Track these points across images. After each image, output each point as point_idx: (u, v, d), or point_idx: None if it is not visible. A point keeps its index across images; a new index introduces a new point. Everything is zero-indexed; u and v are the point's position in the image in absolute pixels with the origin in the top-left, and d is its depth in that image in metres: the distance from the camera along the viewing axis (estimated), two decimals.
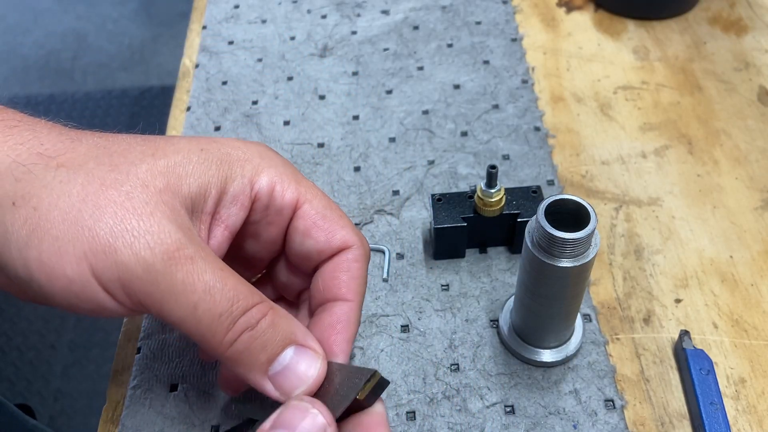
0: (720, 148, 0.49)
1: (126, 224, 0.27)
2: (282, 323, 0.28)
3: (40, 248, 0.26)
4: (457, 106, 0.53)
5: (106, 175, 0.28)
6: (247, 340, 0.28)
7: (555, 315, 0.36)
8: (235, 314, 0.27)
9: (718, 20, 0.59)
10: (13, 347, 1.28)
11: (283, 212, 0.33)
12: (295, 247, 0.33)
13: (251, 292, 0.28)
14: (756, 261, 0.43)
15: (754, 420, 0.37)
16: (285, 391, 0.28)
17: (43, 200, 0.27)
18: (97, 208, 0.27)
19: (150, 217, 0.27)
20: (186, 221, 0.28)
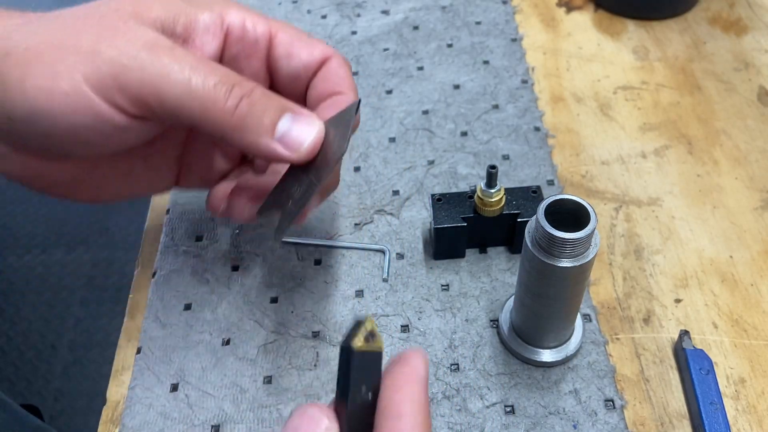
0: (720, 148, 0.50)
1: (106, 34, 0.29)
2: (273, 95, 0.31)
3: (34, 77, 0.28)
4: (457, 106, 0.53)
5: (78, 11, 0.31)
6: (247, 106, 0.30)
7: (555, 315, 0.36)
8: (229, 83, 0.30)
9: (717, 20, 0.59)
10: (14, 347, 1.28)
11: (259, 43, 0.35)
12: (281, 72, 0.36)
13: (232, 74, 0.30)
14: (756, 261, 0.43)
15: (753, 420, 0.37)
16: (294, 148, 0.31)
17: (29, 41, 0.29)
18: (76, 32, 0.29)
19: (125, 26, 0.30)
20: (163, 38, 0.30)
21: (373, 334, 0.26)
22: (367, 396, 0.25)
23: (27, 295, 1.36)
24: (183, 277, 0.44)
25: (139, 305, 0.43)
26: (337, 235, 0.45)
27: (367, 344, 0.25)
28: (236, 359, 0.40)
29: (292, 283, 0.43)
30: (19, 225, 1.48)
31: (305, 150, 0.31)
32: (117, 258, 1.41)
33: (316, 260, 0.44)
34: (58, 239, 1.45)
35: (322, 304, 0.42)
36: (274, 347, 0.40)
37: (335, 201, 0.47)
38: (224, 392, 0.39)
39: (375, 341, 0.26)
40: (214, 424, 0.37)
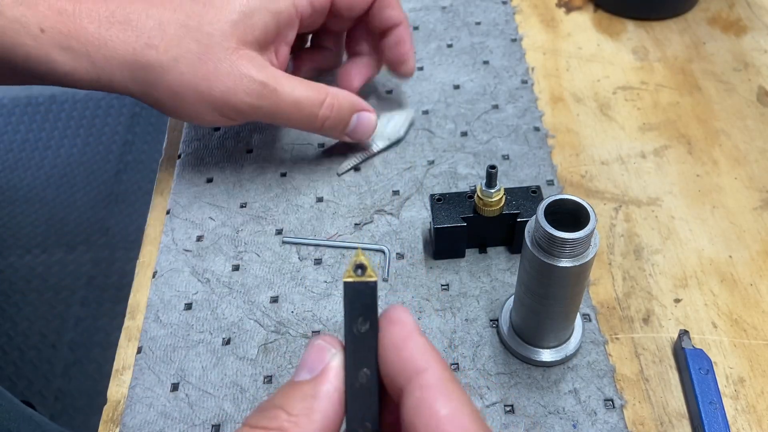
0: (719, 149, 0.50)
1: (231, 84, 0.40)
2: (344, 103, 0.44)
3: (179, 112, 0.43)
4: (456, 106, 0.53)
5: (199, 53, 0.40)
6: (331, 122, 0.44)
7: (555, 315, 0.36)
8: (317, 108, 0.43)
9: (717, 21, 0.59)
10: (14, 347, 1.28)
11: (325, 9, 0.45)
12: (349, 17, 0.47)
13: (321, 90, 0.43)
14: (755, 261, 0.43)
15: (753, 419, 0.37)
16: (360, 138, 0.47)
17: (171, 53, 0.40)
18: (206, 80, 0.40)
19: (240, 72, 0.40)
20: (261, 62, 0.41)
21: (362, 266, 0.26)
22: (365, 326, 0.25)
23: (28, 295, 1.36)
24: (183, 277, 0.44)
25: (140, 305, 0.43)
26: (337, 235, 0.46)
27: (357, 276, 0.25)
28: (236, 359, 0.40)
29: (292, 283, 0.43)
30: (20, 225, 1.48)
31: (364, 139, 0.47)
32: (117, 258, 1.41)
33: (316, 260, 0.44)
34: (58, 239, 1.45)
35: (322, 304, 0.42)
36: (274, 347, 0.40)
37: (335, 201, 0.47)
38: (224, 392, 0.39)
39: (366, 273, 0.26)
40: (215, 424, 0.38)
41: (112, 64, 0.39)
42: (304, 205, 0.47)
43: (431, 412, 0.22)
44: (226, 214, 0.47)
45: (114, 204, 1.50)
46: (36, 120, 1.68)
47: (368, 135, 0.47)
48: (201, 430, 0.37)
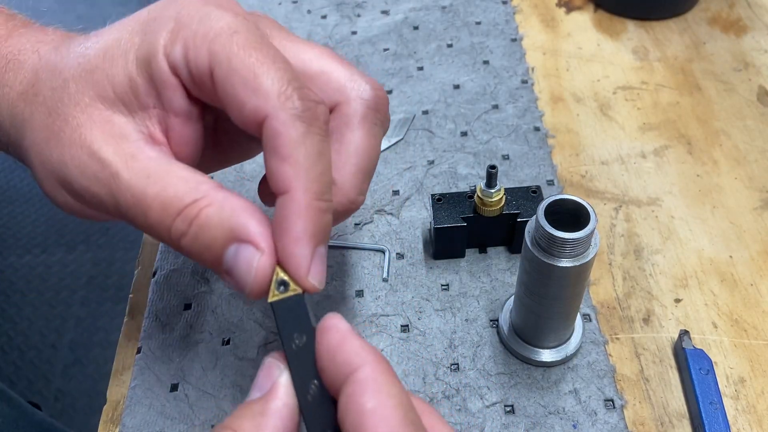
0: (719, 149, 0.50)
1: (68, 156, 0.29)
2: (215, 221, 0.27)
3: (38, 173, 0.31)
4: (456, 106, 0.53)
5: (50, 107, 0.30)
6: (188, 243, 0.27)
7: (555, 315, 0.36)
8: (170, 218, 0.27)
9: (717, 20, 0.59)
10: (14, 347, 1.28)
11: (206, 84, 0.28)
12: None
13: (192, 190, 0.27)
14: (755, 261, 0.43)
15: (753, 419, 0.37)
16: (240, 288, 0.27)
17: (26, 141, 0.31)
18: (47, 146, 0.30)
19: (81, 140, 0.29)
20: (119, 130, 0.29)
21: (284, 282, 0.25)
22: (302, 340, 0.25)
23: (28, 295, 1.36)
24: (183, 277, 0.44)
25: (140, 305, 0.43)
26: (337, 235, 0.46)
27: (281, 293, 0.25)
28: (236, 359, 0.40)
29: None
30: (20, 225, 1.48)
31: (243, 286, 0.27)
32: (117, 258, 1.41)
33: None
34: (58, 239, 1.45)
35: (322, 304, 0.42)
36: (275, 347, 0.40)
37: None
38: (224, 392, 0.39)
39: (289, 288, 0.25)
40: (215, 424, 0.38)
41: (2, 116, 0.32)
42: None
43: (357, 406, 0.22)
44: None
45: None
46: None
47: (251, 286, 0.27)
48: (201, 430, 0.37)
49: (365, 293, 0.42)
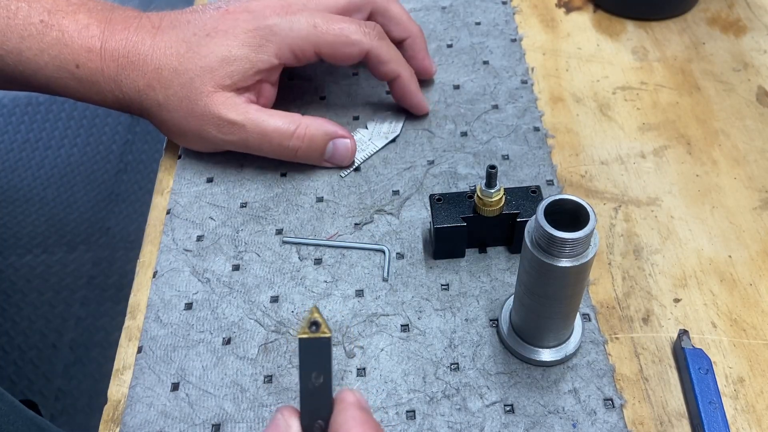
0: (719, 149, 0.50)
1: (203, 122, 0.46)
2: (317, 133, 0.47)
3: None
4: (456, 107, 0.53)
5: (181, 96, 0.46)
6: (304, 152, 0.47)
7: (554, 314, 0.36)
8: (287, 140, 0.46)
9: (716, 21, 0.59)
10: (15, 346, 1.28)
11: (311, 58, 0.47)
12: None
13: (292, 122, 0.46)
14: (755, 261, 0.43)
15: (752, 419, 0.37)
16: (339, 163, 0.49)
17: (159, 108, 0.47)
18: (185, 118, 0.46)
19: (210, 112, 0.45)
20: (235, 101, 0.46)
21: (316, 323, 0.27)
22: (319, 381, 0.27)
23: (28, 295, 1.36)
24: (183, 277, 0.44)
25: (140, 305, 0.43)
26: (337, 235, 0.46)
27: (311, 332, 0.27)
28: (237, 358, 0.40)
29: (292, 283, 0.43)
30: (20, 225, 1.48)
31: (345, 163, 0.49)
32: (118, 258, 1.41)
33: (316, 260, 0.44)
34: (59, 239, 1.45)
35: (322, 303, 0.42)
36: (275, 347, 0.41)
37: (335, 201, 0.47)
38: (225, 391, 0.39)
39: (320, 329, 0.27)
40: (215, 423, 0.38)
41: (125, 99, 0.47)
42: (304, 205, 0.47)
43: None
44: (226, 214, 0.47)
45: (114, 204, 1.50)
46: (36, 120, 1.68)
47: (347, 159, 0.48)
48: (201, 429, 0.37)
49: (365, 293, 0.43)
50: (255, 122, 0.45)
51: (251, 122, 0.45)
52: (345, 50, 0.46)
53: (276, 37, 0.45)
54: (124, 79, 0.46)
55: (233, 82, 0.45)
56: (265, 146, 0.46)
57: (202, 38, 0.45)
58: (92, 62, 0.45)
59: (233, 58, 0.45)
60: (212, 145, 0.48)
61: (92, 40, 0.45)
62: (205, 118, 0.45)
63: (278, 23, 0.45)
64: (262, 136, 0.46)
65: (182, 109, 0.45)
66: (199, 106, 0.45)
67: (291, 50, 0.45)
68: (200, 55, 0.45)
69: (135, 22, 0.46)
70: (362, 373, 0.39)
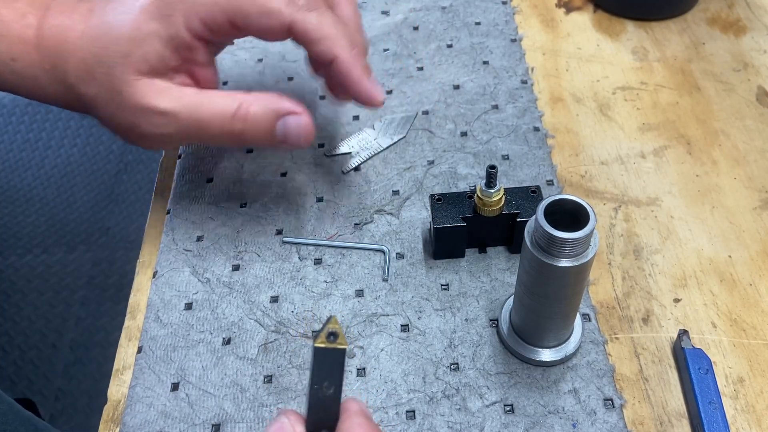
0: (719, 149, 0.50)
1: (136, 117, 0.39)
2: (260, 110, 0.38)
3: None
4: (456, 107, 0.53)
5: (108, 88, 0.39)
6: (250, 134, 0.39)
7: (554, 314, 0.36)
8: (228, 123, 0.39)
9: (716, 21, 0.59)
10: (15, 346, 1.28)
11: (228, 31, 0.39)
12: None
13: (232, 101, 0.38)
14: (755, 261, 0.43)
15: (752, 419, 0.37)
16: (296, 145, 0.40)
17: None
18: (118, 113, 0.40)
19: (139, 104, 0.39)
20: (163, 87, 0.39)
21: (335, 334, 0.27)
22: (329, 391, 0.27)
23: (28, 295, 1.36)
24: (183, 277, 0.44)
25: (140, 305, 0.43)
26: (337, 235, 0.46)
27: (328, 342, 0.27)
28: (236, 358, 0.40)
29: (292, 283, 0.43)
30: (20, 225, 1.48)
31: (302, 145, 0.40)
32: (118, 258, 1.41)
33: (316, 260, 0.44)
34: (59, 239, 1.45)
35: (322, 303, 0.42)
36: (275, 347, 0.41)
37: (335, 201, 0.47)
38: (225, 391, 0.39)
39: (337, 340, 0.27)
40: (215, 423, 0.38)
41: (64, 94, 0.41)
42: (304, 205, 0.47)
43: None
44: (226, 214, 0.47)
45: (114, 204, 1.50)
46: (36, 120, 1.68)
47: (304, 140, 0.40)
48: (201, 429, 0.37)
49: (365, 293, 0.43)
50: (189, 108, 0.39)
51: (185, 109, 0.38)
52: (262, 21, 0.38)
53: (182, 5, 0.38)
54: (59, 72, 0.40)
55: (152, 65, 0.38)
56: (204, 134, 0.39)
57: (119, 17, 0.38)
58: (28, 54, 0.40)
59: (142, 37, 0.38)
60: (151, 141, 0.41)
61: (28, 30, 0.40)
62: (134, 110, 0.39)
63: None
64: (199, 122, 0.39)
65: (113, 102, 0.39)
66: (125, 98, 0.38)
67: (201, 20, 0.38)
68: (114, 37, 0.38)
69: (72, 5, 0.41)
70: (362, 373, 0.39)
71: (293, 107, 0.39)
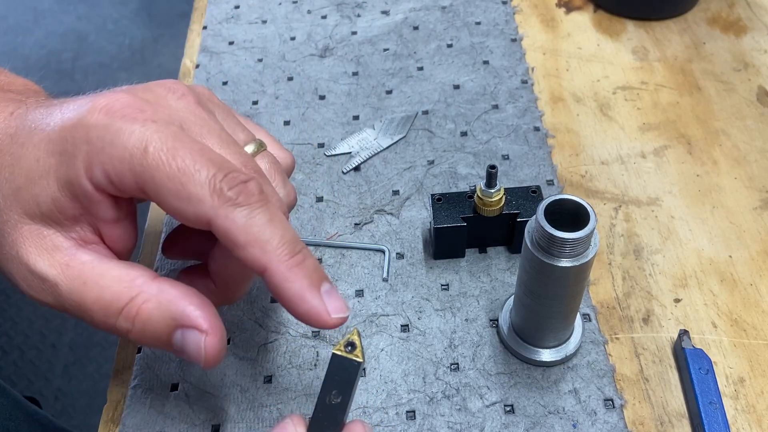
0: (719, 148, 0.50)
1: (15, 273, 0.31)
2: (155, 314, 0.29)
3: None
4: (456, 107, 0.53)
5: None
6: (136, 337, 0.29)
7: (554, 315, 0.36)
8: (113, 318, 0.29)
9: (717, 21, 0.59)
10: (15, 346, 1.28)
11: (138, 195, 0.30)
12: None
13: (128, 289, 0.29)
14: (755, 261, 0.43)
15: (753, 419, 0.37)
16: (192, 361, 0.30)
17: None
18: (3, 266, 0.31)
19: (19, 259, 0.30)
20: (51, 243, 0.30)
21: (353, 345, 0.27)
22: (337, 399, 0.27)
23: None
24: None
25: None
26: (337, 235, 0.46)
27: (346, 352, 0.27)
28: (236, 359, 0.40)
29: None
30: None
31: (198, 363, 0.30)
32: None
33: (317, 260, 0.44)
34: None
35: None
36: (274, 347, 0.41)
37: (335, 201, 0.47)
38: (224, 392, 0.39)
39: (354, 352, 0.27)
40: (215, 424, 0.38)
41: None
42: (304, 205, 0.47)
43: None
44: None
45: None
46: None
47: (203, 361, 0.29)
48: (201, 430, 0.37)
49: (365, 293, 0.43)
50: (73, 283, 0.29)
51: (66, 282, 0.29)
52: (178, 204, 0.28)
53: (88, 147, 0.28)
54: None
55: (42, 211, 0.30)
56: (87, 320, 0.30)
57: (26, 141, 0.30)
58: None
59: (39, 172, 0.29)
60: (34, 300, 0.31)
61: None
62: (11, 263, 0.30)
63: (99, 124, 0.29)
64: (80, 307, 0.30)
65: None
66: (8, 242, 0.30)
67: (104, 172, 0.28)
68: (8, 164, 0.30)
69: (6, 121, 0.32)
70: (362, 373, 0.39)
71: (199, 321, 0.29)
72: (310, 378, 0.39)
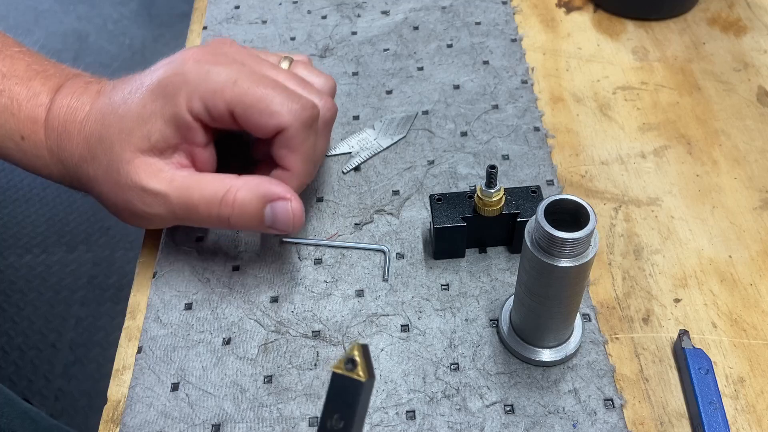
0: (719, 149, 0.50)
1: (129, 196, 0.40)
2: (247, 196, 0.38)
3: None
4: (456, 107, 0.53)
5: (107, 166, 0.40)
6: (236, 219, 0.39)
7: (554, 315, 0.36)
8: (215, 208, 0.39)
9: (717, 21, 0.59)
10: (14, 347, 1.28)
11: (226, 119, 0.39)
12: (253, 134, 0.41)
13: (222, 186, 0.39)
14: (755, 261, 0.43)
15: (753, 419, 0.37)
16: (284, 230, 0.39)
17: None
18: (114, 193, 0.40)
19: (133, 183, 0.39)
20: (158, 168, 0.39)
21: (353, 362, 0.24)
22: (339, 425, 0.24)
23: (28, 295, 1.36)
24: (183, 277, 0.44)
25: (140, 305, 0.43)
26: (337, 235, 0.46)
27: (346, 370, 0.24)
28: (236, 359, 0.40)
29: (292, 283, 0.43)
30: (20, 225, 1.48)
31: (290, 231, 0.40)
32: (117, 258, 1.41)
33: (316, 260, 0.44)
34: (58, 239, 1.45)
35: (322, 303, 0.42)
36: (275, 347, 0.41)
37: (335, 201, 0.47)
38: (224, 391, 0.39)
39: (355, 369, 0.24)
40: (215, 424, 0.38)
41: (67, 174, 0.43)
42: (303, 205, 0.47)
43: None
44: None
45: None
46: None
47: (290, 225, 0.39)
48: (201, 429, 0.37)
49: (365, 293, 0.43)
50: (179, 190, 0.39)
51: (176, 191, 0.39)
52: (260, 119, 0.38)
53: (188, 86, 0.38)
54: (63, 152, 0.41)
55: (152, 143, 0.39)
56: (194, 217, 0.39)
57: (127, 97, 0.40)
58: (36, 134, 0.41)
59: (147, 115, 0.39)
60: (144, 220, 0.41)
61: (39, 110, 0.41)
62: (128, 188, 0.39)
63: (193, 70, 0.38)
64: (188, 205, 0.39)
65: (109, 181, 0.40)
66: (122, 176, 0.39)
67: (203, 103, 0.38)
68: (119, 116, 0.39)
69: (82, 87, 0.42)
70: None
71: (282, 192, 0.38)
72: (310, 378, 0.39)
